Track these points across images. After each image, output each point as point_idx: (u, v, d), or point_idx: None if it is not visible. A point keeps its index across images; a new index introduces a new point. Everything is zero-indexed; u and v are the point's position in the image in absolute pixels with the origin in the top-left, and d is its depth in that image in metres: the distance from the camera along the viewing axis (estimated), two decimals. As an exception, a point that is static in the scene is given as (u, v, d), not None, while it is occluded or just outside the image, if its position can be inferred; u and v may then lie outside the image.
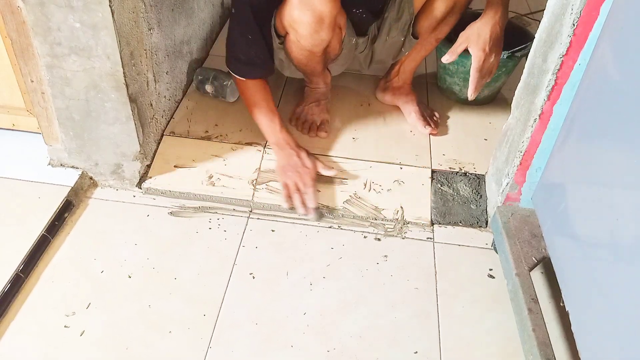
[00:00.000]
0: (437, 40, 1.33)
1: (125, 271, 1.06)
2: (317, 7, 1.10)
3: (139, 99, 1.14)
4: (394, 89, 1.45)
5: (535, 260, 0.99)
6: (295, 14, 1.12)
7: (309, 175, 1.20)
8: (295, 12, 1.12)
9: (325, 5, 1.10)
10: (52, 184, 1.18)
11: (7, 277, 1.00)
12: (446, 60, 1.23)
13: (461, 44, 1.20)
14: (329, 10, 1.11)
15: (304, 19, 1.12)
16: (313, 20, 1.12)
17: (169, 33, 1.27)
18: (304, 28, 1.14)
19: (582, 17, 0.84)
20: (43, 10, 0.96)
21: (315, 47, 1.20)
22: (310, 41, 1.17)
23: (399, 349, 0.96)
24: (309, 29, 1.14)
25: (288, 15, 1.14)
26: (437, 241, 1.15)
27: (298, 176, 1.20)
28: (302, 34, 1.15)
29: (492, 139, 1.39)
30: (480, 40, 1.17)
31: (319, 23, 1.13)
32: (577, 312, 0.83)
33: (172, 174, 1.24)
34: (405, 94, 1.44)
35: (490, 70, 1.22)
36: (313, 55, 1.23)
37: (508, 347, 0.97)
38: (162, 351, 0.93)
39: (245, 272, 1.07)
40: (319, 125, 1.36)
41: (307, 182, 1.19)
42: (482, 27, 1.17)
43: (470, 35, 1.18)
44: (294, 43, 1.21)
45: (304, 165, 1.21)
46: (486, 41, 1.17)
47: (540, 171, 1.04)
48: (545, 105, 0.95)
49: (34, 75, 1.07)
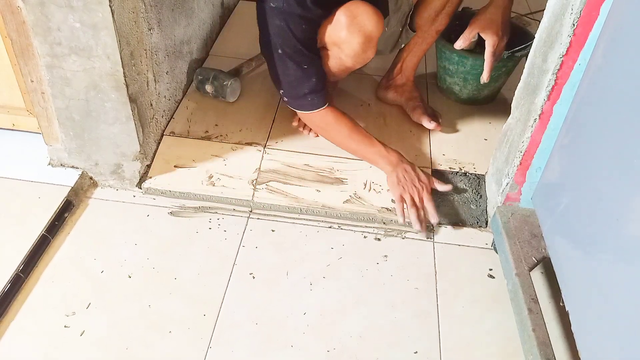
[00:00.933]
0: (437, 32, 1.34)
1: (125, 271, 1.06)
2: (368, 28, 1.11)
3: (139, 99, 1.14)
4: (397, 87, 1.45)
5: (535, 260, 0.99)
6: (343, 35, 1.12)
7: (426, 190, 1.18)
8: (344, 32, 1.12)
9: (376, 27, 1.11)
10: (52, 184, 1.18)
11: (7, 277, 1.00)
12: (459, 46, 1.26)
13: (473, 30, 1.23)
14: (378, 31, 1.12)
15: (354, 39, 1.12)
16: (363, 41, 1.12)
17: (169, 33, 1.27)
18: (351, 48, 1.14)
19: (582, 17, 0.84)
20: (43, 10, 0.96)
21: (357, 65, 1.21)
22: (355, 59, 1.17)
23: (399, 349, 0.96)
24: (357, 49, 1.14)
25: (334, 34, 1.13)
26: (437, 241, 1.15)
27: (416, 191, 1.17)
28: (348, 53, 1.15)
29: (492, 139, 1.38)
30: (493, 25, 1.20)
31: (368, 43, 1.13)
32: (577, 312, 0.83)
33: (172, 174, 1.24)
34: (408, 90, 1.44)
35: (500, 52, 1.26)
36: (350, 70, 1.25)
37: (508, 347, 0.97)
38: (162, 351, 0.93)
39: (245, 272, 1.07)
40: None
41: (425, 196, 1.17)
42: (493, 11, 1.21)
43: (482, 20, 1.21)
44: (335, 59, 1.20)
45: (420, 180, 1.19)
46: (498, 25, 1.20)
47: (540, 171, 1.04)
48: (545, 105, 0.95)
49: (34, 75, 1.07)
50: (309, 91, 1.18)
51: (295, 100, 1.21)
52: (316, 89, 1.18)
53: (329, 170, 1.27)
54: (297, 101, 1.21)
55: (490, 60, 1.24)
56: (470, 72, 1.39)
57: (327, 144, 1.33)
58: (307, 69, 1.15)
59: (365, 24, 1.10)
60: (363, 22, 1.10)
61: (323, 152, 1.31)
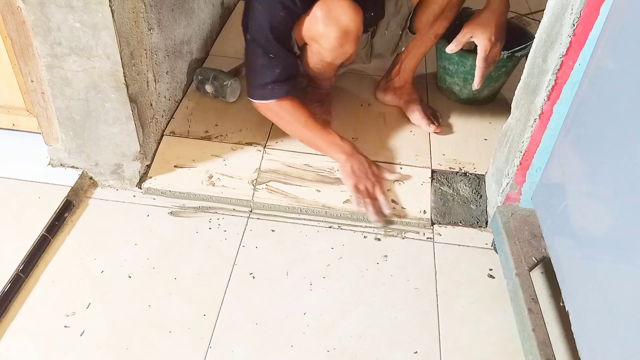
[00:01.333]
0: (436, 36, 1.33)
1: (125, 271, 1.06)
2: (344, 22, 1.10)
3: (139, 99, 1.14)
4: (395, 89, 1.44)
5: (535, 260, 0.99)
6: (320, 29, 1.12)
7: (379, 181, 1.20)
8: (320, 26, 1.11)
9: (352, 21, 1.10)
10: (52, 184, 1.18)
11: (7, 277, 1.00)
12: (451, 50, 1.25)
13: (466, 34, 1.21)
14: (354, 25, 1.11)
15: (330, 33, 1.11)
16: (339, 35, 1.12)
17: (169, 33, 1.27)
18: (328, 43, 1.13)
19: (582, 17, 0.84)
20: (43, 10, 0.96)
21: (337, 60, 1.20)
22: (333, 54, 1.17)
23: (399, 349, 0.96)
24: (334, 43, 1.13)
25: (312, 29, 1.13)
26: (437, 241, 1.15)
27: (369, 182, 1.19)
28: (327, 47, 1.15)
29: (492, 139, 1.38)
30: (486, 30, 1.19)
31: (345, 37, 1.12)
32: (577, 312, 0.83)
33: (172, 174, 1.24)
34: (407, 92, 1.44)
35: (494, 59, 1.24)
36: (332, 66, 1.24)
37: (508, 347, 0.97)
38: (162, 351, 0.93)
39: (245, 272, 1.07)
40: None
41: (378, 187, 1.19)
42: (487, 16, 1.19)
43: (475, 25, 1.20)
44: (316, 55, 1.20)
45: (373, 172, 1.21)
46: (492, 31, 1.18)
47: (540, 171, 1.04)
48: (545, 105, 0.95)
49: (34, 75, 1.07)
50: (271, 81, 1.17)
51: (256, 89, 1.20)
52: (279, 79, 1.17)
53: (329, 170, 1.27)
54: (259, 90, 1.19)
55: (481, 65, 1.22)
56: (470, 72, 1.39)
57: (327, 144, 1.33)
58: (273, 58, 1.15)
59: (341, 18, 1.10)
60: (339, 16, 1.10)
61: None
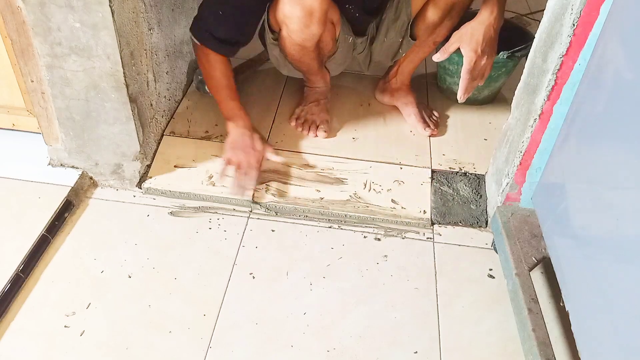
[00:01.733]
0: (435, 43, 1.33)
1: (125, 271, 1.06)
2: (307, 1, 1.11)
3: (139, 99, 1.14)
4: (393, 90, 1.45)
5: (535, 260, 0.99)
6: (286, 9, 1.13)
7: (255, 157, 1.21)
8: (287, 7, 1.13)
9: (315, 0, 1.11)
10: (52, 184, 1.18)
11: (7, 277, 1.00)
12: (437, 59, 1.23)
13: (453, 44, 1.18)
14: (319, 5, 1.11)
15: (294, 13, 1.12)
16: (303, 15, 1.12)
17: (169, 33, 1.27)
18: (294, 23, 1.14)
19: (582, 17, 0.84)
20: (43, 10, 0.96)
21: (306, 42, 1.20)
22: (300, 35, 1.17)
23: (399, 349, 0.96)
24: (299, 24, 1.14)
25: (280, 10, 1.15)
26: (437, 241, 1.15)
27: (244, 156, 1.20)
28: (293, 28, 1.16)
29: (492, 139, 1.39)
30: (472, 41, 1.15)
31: (309, 17, 1.13)
32: (577, 312, 0.83)
33: (172, 174, 1.24)
34: (403, 95, 1.44)
35: (482, 72, 1.20)
36: (305, 50, 1.23)
37: (508, 347, 0.97)
38: (162, 351, 0.93)
39: (245, 272, 1.07)
40: (319, 125, 1.36)
41: (252, 163, 1.20)
42: (476, 27, 1.15)
43: (463, 35, 1.17)
44: (286, 38, 1.21)
45: (254, 148, 1.22)
46: (479, 42, 1.15)
47: (540, 171, 1.04)
48: (545, 105, 0.95)
49: (34, 75, 1.07)
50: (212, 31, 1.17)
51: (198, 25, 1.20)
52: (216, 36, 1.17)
53: (329, 170, 1.27)
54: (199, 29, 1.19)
55: (465, 77, 1.17)
56: (470, 72, 1.39)
57: (328, 143, 1.33)
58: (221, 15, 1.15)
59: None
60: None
61: (323, 152, 1.31)
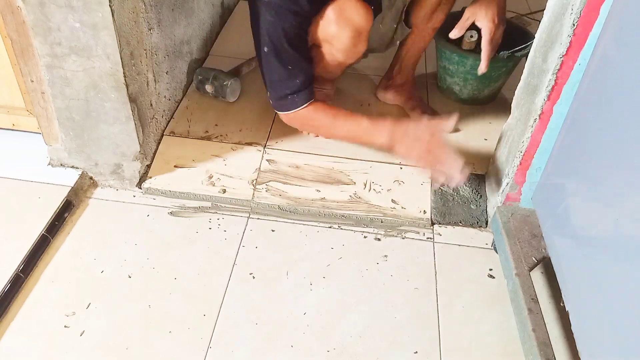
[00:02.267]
0: (434, 29, 1.33)
1: (125, 271, 1.06)
2: (356, 22, 1.10)
3: (139, 99, 1.14)
4: (397, 87, 1.44)
5: (535, 260, 0.99)
6: (332, 29, 1.11)
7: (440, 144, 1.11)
8: (333, 27, 1.11)
9: (364, 20, 1.10)
10: (52, 184, 1.18)
11: (7, 277, 1.00)
12: (454, 35, 1.25)
13: (468, 18, 1.21)
14: (366, 24, 1.11)
15: (342, 34, 1.11)
16: (352, 35, 1.12)
17: (169, 33, 1.27)
18: (341, 43, 1.13)
19: (582, 17, 0.84)
20: (43, 10, 0.96)
21: (349, 59, 1.20)
22: (346, 54, 1.17)
23: (399, 349, 0.96)
24: (347, 44, 1.13)
25: (324, 30, 1.13)
26: (437, 241, 1.15)
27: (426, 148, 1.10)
28: (339, 48, 1.15)
29: (492, 139, 1.38)
30: (489, 12, 1.19)
31: (357, 37, 1.13)
32: (577, 312, 0.83)
33: (172, 174, 1.24)
34: (408, 90, 1.44)
35: (497, 42, 1.23)
36: (342, 65, 1.24)
37: (508, 347, 0.97)
38: (162, 351, 0.93)
39: (245, 272, 1.07)
40: None
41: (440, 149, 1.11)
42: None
43: (477, 8, 1.20)
44: (328, 55, 1.19)
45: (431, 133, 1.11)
46: (494, 12, 1.19)
47: (540, 171, 1.04)
48: (545, 105, 0.95)
49: (34, 75, 1.07)
50: (290, 92, 1.14)
51: (278, 101, 1.18)
52: (300, 89, 1.14)
53: (329, 170, 1.27)
54: (279, 102, 1.18)
55: (487, 48, 1.21)
56: (471, 72, 1.39)
57: (327, 143, 1.33)
58: (291, 70, 1.13)
59: (353, 18, 1.10)
60: (351, 16, 1.10)
61: (323, 152, 1.31)
